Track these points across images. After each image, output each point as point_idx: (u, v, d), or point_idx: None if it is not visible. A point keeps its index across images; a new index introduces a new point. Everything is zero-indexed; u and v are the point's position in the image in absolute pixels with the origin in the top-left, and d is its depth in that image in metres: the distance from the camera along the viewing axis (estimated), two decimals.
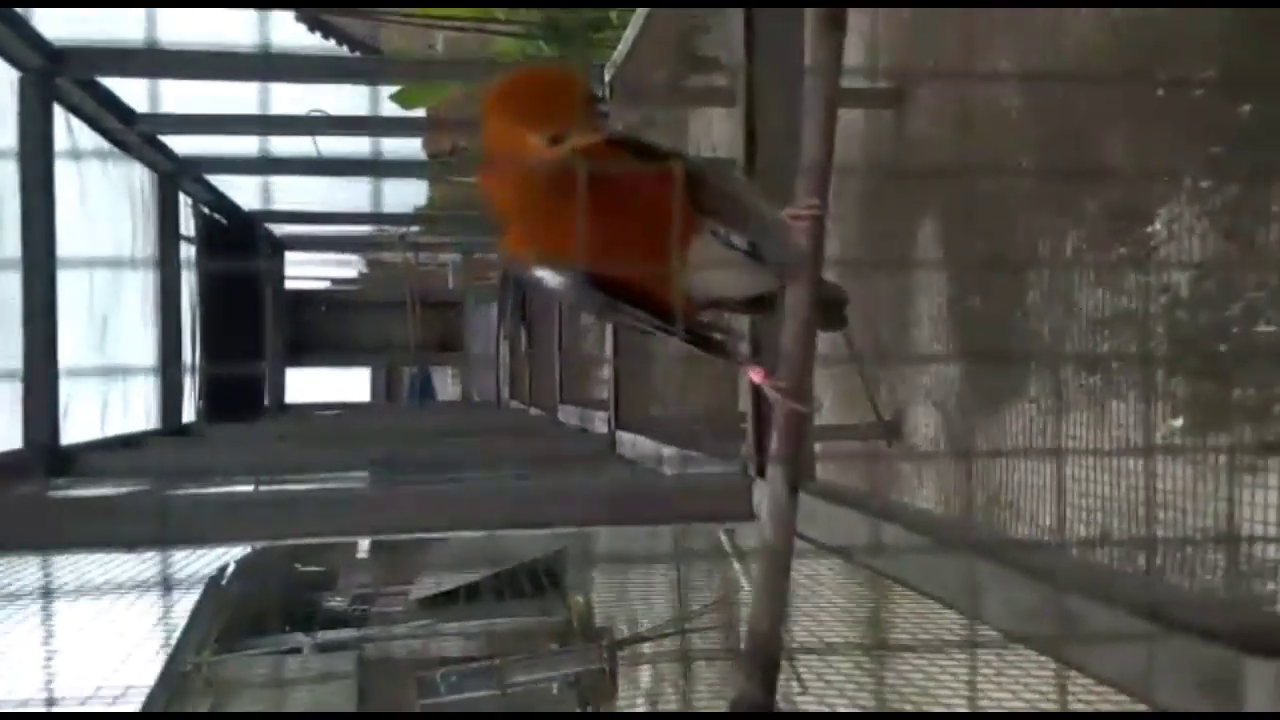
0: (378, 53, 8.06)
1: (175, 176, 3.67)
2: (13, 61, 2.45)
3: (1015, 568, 0.90)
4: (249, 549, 5.56)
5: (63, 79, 2.60)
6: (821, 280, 0.66)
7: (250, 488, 2.50)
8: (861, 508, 1.36)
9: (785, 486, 0.68)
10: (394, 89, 5.56)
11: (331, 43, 8.83)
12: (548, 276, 0.85)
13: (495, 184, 0.84)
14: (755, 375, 0.76)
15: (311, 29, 8.46)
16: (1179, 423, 1.82)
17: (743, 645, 0.71)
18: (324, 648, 5.90)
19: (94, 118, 2.94)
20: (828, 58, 0.62)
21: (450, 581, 6.45)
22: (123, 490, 2.30)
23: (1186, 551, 1.74)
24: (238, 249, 4.43)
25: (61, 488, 2.45)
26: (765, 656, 0.68)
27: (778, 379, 0.68)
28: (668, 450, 2.25)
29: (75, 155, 2.92)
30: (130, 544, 1.61)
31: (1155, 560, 1.73)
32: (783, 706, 0.68)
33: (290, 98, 3.81)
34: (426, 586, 6.63)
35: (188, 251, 3.87)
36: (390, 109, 5.55)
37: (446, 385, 8.19)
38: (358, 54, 7.99)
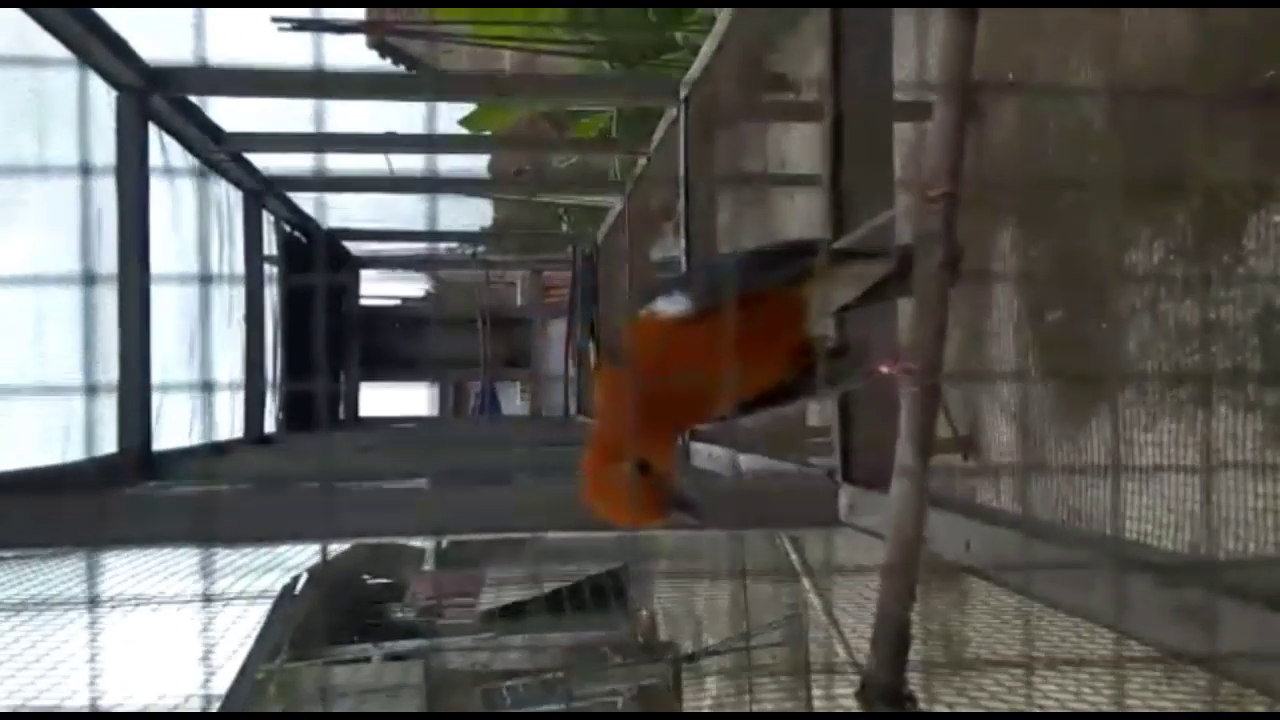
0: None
1: (260, 195, 3.79)
2: (111, 80, 2.55)
3: (1122, 562, 0.90)
4: (320, 559, 5.66)
5: (157, 97, 2.70)
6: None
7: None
8: (947, 507, 1.36)
9: (918, 467, 0.69)
10: (463, 114, 5.68)
11: (401, 68, 9.05)
12: None
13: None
14: (884, 366, 0.78)
15: (382, 55, 8.68)
16: None
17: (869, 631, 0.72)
18: (392, 658, 5.97)
19: (185, 136, 3.05)
20: (960, 47, 0.64)
21: (516, 595, 6.50)
22: (209, 489, 2.37)
23: None
24: (316, 266, 4.53)
25: (153, 490, 2.54)
26: (895, 640, 0.69)
27: (906, 363, 0.69)
28: (745, 459, 2.25)
29: (168, 172, 3.03)
30: (232, 539, 1.66)
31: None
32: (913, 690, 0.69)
33: (364, 120, 3.91)
34: (492, 599, 6.68)
35: (269, 268, 3.98)
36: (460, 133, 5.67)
37: (514, 400, 8.28)
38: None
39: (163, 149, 2.91)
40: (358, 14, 5.49)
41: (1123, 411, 2.22)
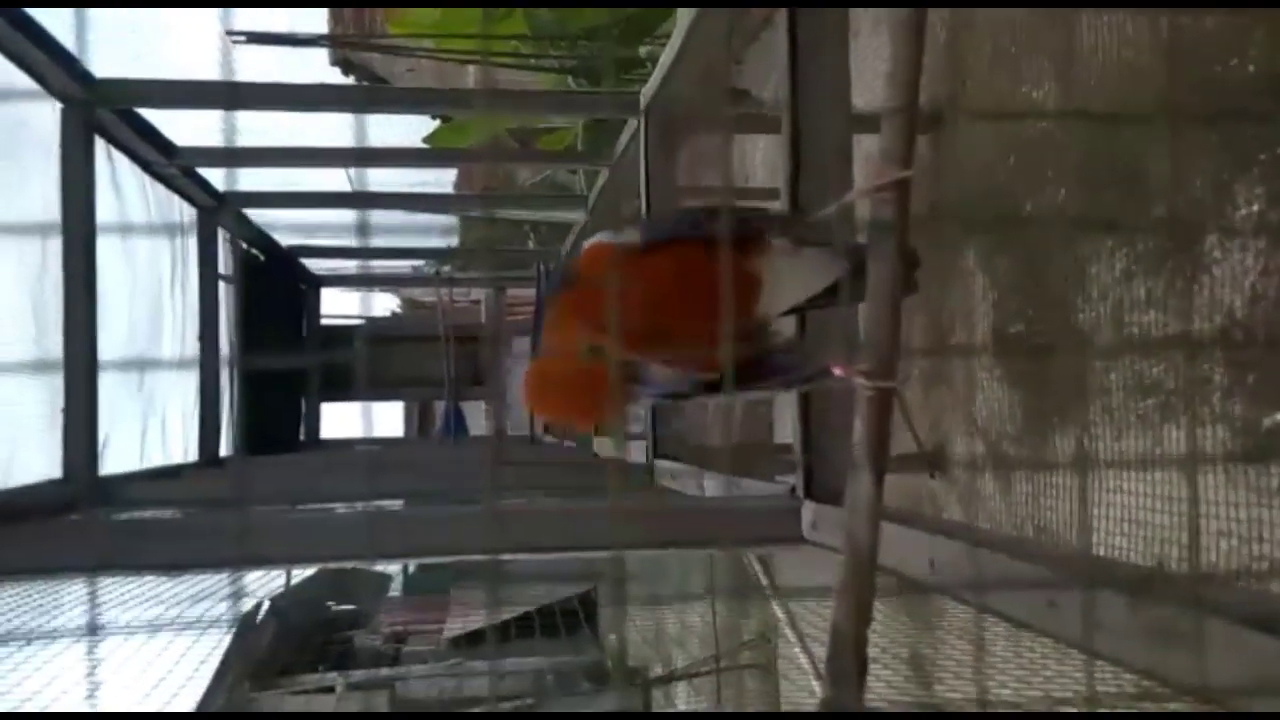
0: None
1: (214, 211, 3.71)
2: (55, 93, 2.48)
3: (1086, 575, 0.86)
4: (282, 587, 5.55)
5: (104, 110, 2.63)
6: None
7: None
8: (909, 523, 1.32)
9: (871, 476, 0.64)
10: (427, 132, 5.62)
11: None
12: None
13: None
14: (837, 369, 0.73)
15: (345, 72, 8.62)
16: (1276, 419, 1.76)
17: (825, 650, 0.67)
18: (357, 686, 5.85)
19: (134, 151, 2.98)
20: (910, 32, 0.59)
21: (483, 620, 6.40)
22: (163, 515, 2.29)
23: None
24: (275, 285, 4.46)
25: (100, 516, 2.45)
26: (850, 660, 0.64)
27: (860, 364, 0.65)
28: (709, 476, 2.20)
29: (116, 187, 2.95)
30: (173, 566, 1.59)
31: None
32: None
33: (326, 135, 3.85)
34: (459, 625, 6.58)
35: (225, 286, 3.90)
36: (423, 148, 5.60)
37: (480, 420, 8.20)
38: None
39: (110, 163, 2.83)
40: (318, 28, 5.43)
41: (1088, 424, 2.20)
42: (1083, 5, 2.19)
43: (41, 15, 2.28)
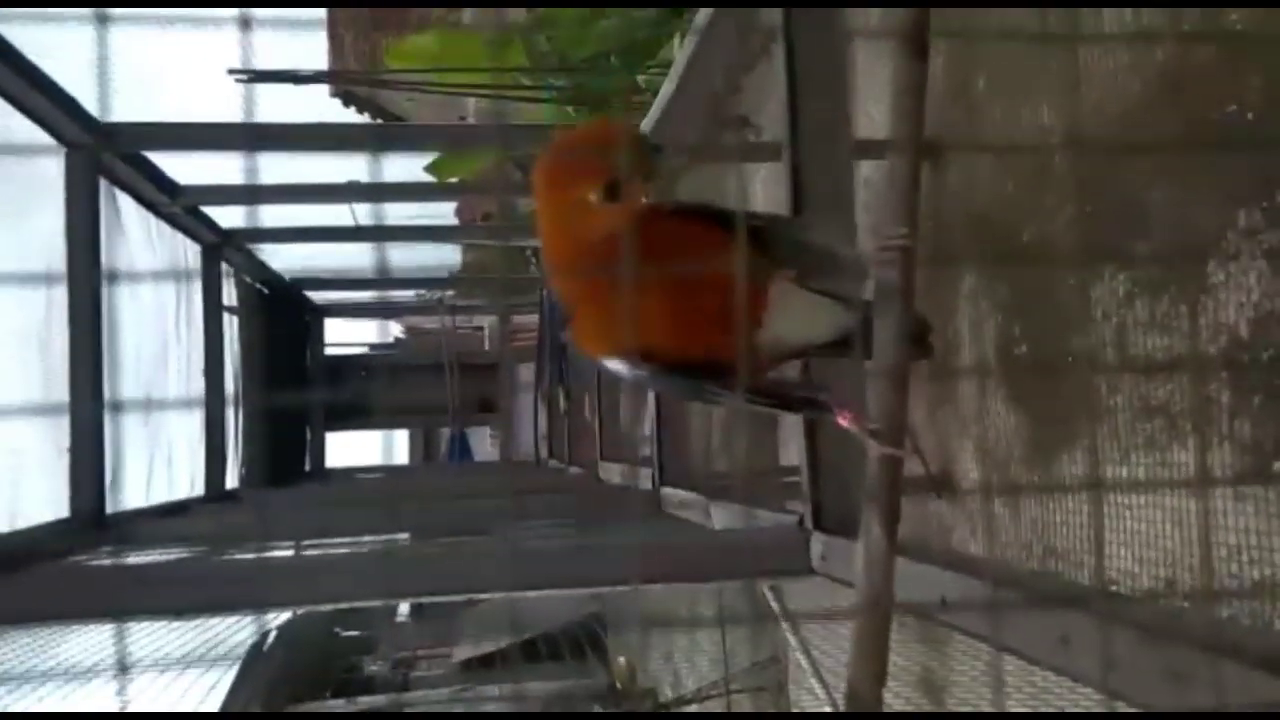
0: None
1: (218, 247, 3.73)
2: (59, 137, 2.50)
3: (1109, 618, 0.86)
4: (290, 615, 5.54)
5: (108, 154, 2.64)
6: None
7: (290, 552, 2.49)
8: (925, 558, 1.32)
9: (884, 535, 0.65)
10: (428, 161, 5.64)
11: (365, 117, 9.04)
12: (624, 370, 0.82)
13: (560, 275, 0.82)
14: (844, 419, 0.74)
15: (346, 105, 8.67)
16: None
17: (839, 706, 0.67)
18: (365, 714, 5.84)
19: (139, 192, 3.00)
20: (911, 85, 0.60)
21: (491, 645, 6.39)
22: (171, 556, 2.29)
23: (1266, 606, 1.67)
24: (279, 316, 4.47)
25: (108, 555, 2.45)
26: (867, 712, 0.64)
27: (870, 421, 0.65)
28: (715, 505, 2.21)
29: (121, 229, 2.97)
30: (180, 611, 1.59)
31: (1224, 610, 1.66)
32: None
33: (328, 169, 3.87)
34: (467, 650, 6.56)
35: (231, 319, 3.91)
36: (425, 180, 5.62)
37: (485, 445, 8.21)
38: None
39: (115, 204, 2.85)
40: (319, 64, 5.46)
41: (1095, 447, 2.20)
42: (1083, 5, 2.20)
43: (46, 61, 2.31)
